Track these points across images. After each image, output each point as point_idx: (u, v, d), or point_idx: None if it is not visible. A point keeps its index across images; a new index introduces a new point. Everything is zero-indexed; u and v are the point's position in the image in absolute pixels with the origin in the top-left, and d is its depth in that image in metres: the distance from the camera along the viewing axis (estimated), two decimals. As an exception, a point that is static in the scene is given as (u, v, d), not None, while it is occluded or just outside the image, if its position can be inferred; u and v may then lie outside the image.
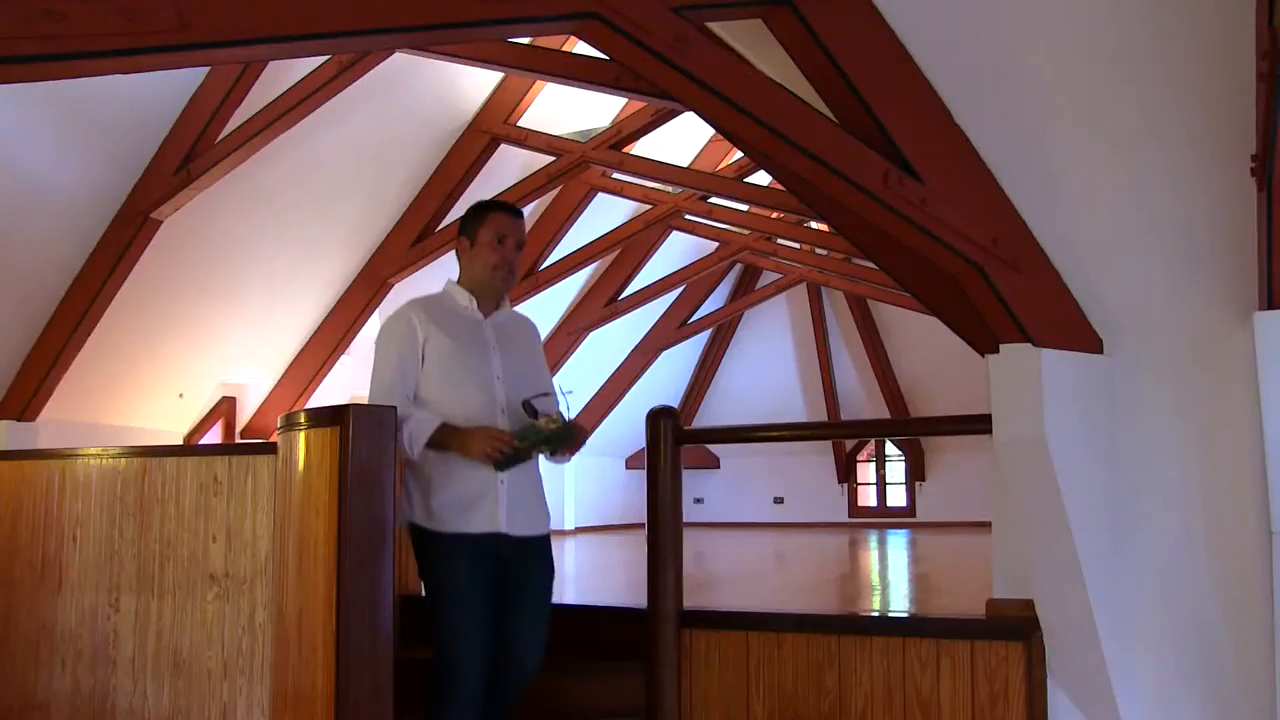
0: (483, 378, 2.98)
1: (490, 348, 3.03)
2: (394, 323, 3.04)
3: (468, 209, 3.20)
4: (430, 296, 3.13)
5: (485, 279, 3.08)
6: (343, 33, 2.52)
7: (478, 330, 3.06)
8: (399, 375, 2.95)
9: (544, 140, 8.24)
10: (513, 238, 3.07)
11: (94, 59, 2.23)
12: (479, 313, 3.09)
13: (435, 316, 3.01)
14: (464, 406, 2.94)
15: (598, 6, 2.59)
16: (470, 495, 2.90)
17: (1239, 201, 2.74)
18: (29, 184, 6.00)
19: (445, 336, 2.98)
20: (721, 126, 3.04)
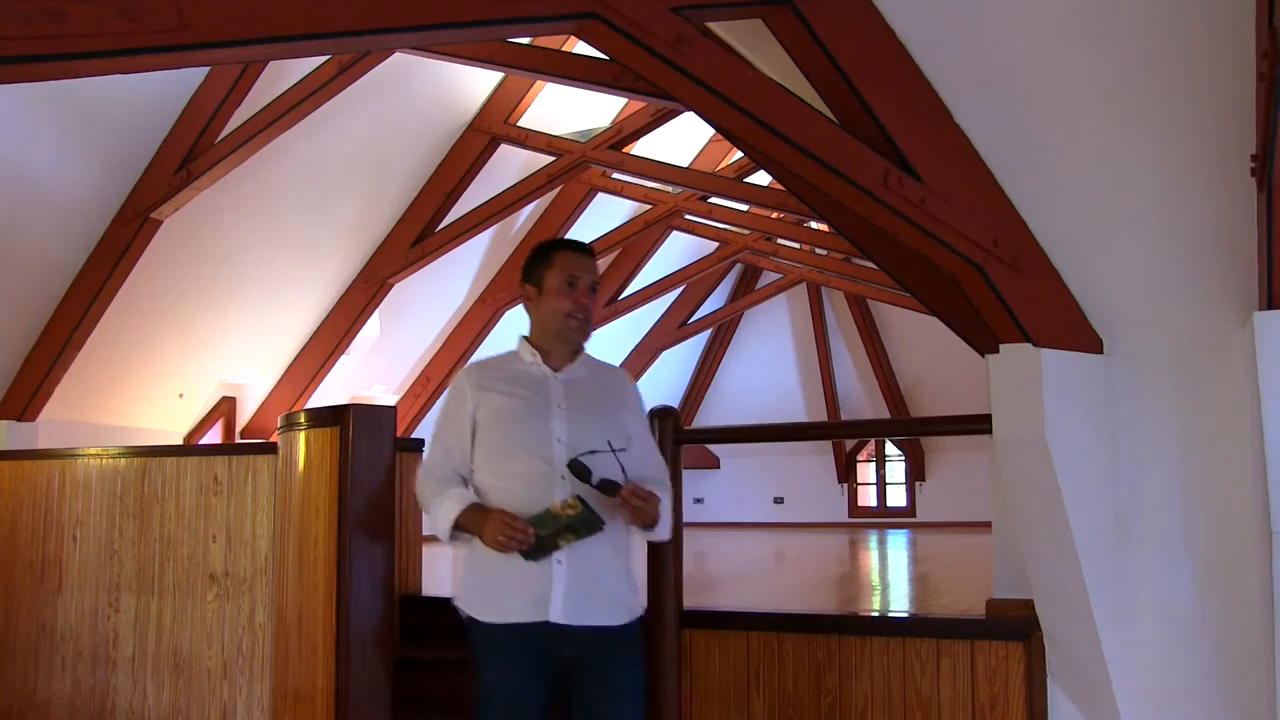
0: (538, 440, 2.50)
1: (554, 406, 2.54)
2: (450, 392, 2.68)
3: (531, 252, 2.75)
4: (494, 357, 2.77)
5: (557, 330, 2.62)
6: (343, 33, 2.52)
7: (541, 387, 2.59)
8: (443, 452, 2.61)
9: (544, 140, 8.24)
10: (585, 279, 2.60)
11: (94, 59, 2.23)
12: (546, 367, 2.62)
13: (492, 378, 2.61)
14: (514, 475, 2.50)
15: (598, 6, 2.59)
16: (517, 576, 2.43)
17: (1239, 201, 2.74)
18: (29, 184, 6.01)
19: (501, 397, 2.56)
20: (721, 126, 3.03)
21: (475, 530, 2.44)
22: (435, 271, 8.84)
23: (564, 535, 2.34)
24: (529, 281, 2.68)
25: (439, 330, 9.80)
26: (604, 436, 2.46)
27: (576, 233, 9.85)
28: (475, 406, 2.57)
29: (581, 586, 2.43)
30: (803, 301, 13.84)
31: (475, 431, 2.57)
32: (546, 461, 2.47)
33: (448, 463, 2.59)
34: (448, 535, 2.51)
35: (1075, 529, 2.87)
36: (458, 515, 2.47)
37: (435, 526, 2.53)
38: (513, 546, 2.34)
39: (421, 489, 2.62)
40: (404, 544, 4.48)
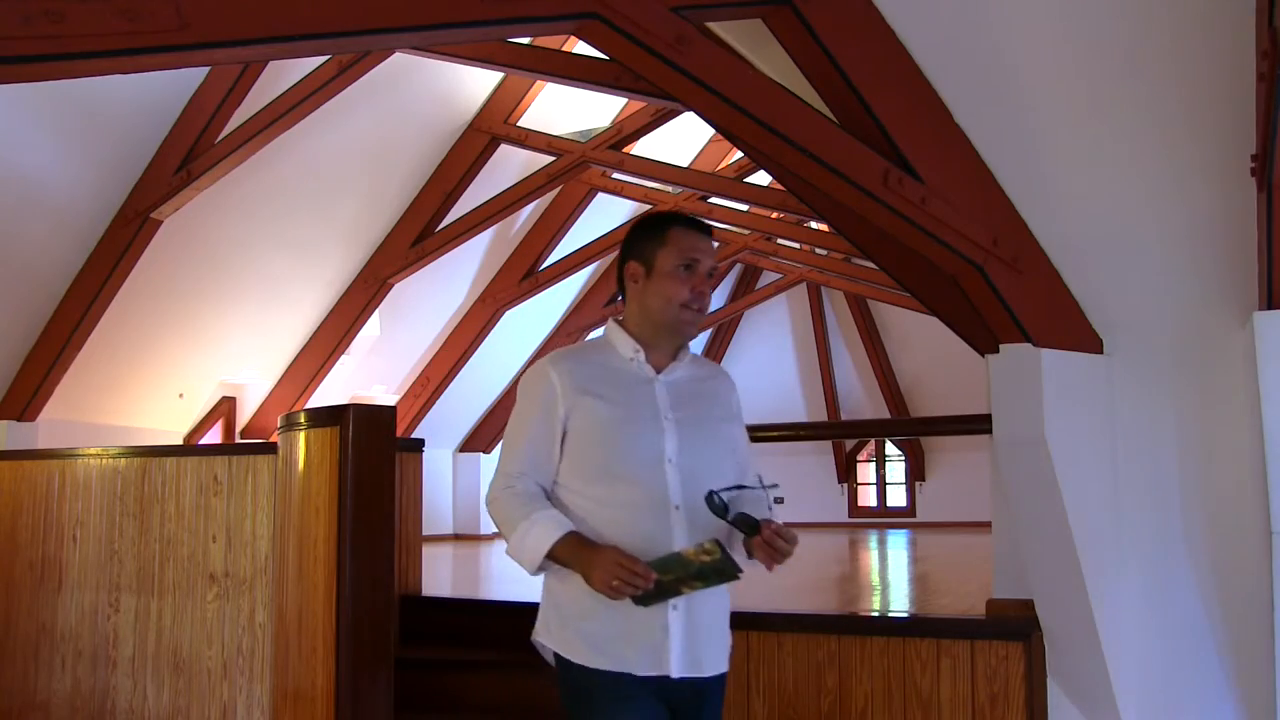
0: (649, 461, 2.07)
1: (663, 418, 2.10)
2: (531, 383, 2.17)
3: (638, 223, 2.28)
4: (583, 346, 2.33)
5: (668, 321, 2.14)
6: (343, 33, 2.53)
7: (646, 394, 2.13)
8: (528, 460, 2.13)
9: (544, 140, 8.24)
10: (705, 262, 2.16)
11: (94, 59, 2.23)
12: (649, 367, 2.16)
13: (586, 375, 2.13)
14: (618, 502, 2.05)
15: (598, 6, 2.59)
16: (627, 621, 2.03)
17: (1239, 201, 2.74)
18: (29, 184, 6.01)
19: (598, 403, 2.09)
20: (721, 126, 3.04)
21: (578, 567, 2.00)
22: (435, 271, 8.84)
23: (690, 583, 1.93)
24: (635, 259, 2.17)
25: (439, 330, 9.80)
26: (715, 455, 2.12)
27: (576, 233, 9.84)
28: (569, 410, 2.09)
29: (697, 635, 2.08)
30: (803, 301, 13.83)
31: (564, 439, 2.11)
32: (659, 487, 2.05)
33: (532, 474, 2.12)
34: (536, 567, 2.05)
35: (1075, 529, 2.87)
36: (554, 545, 2.01)
37: (519, 554, 2.07)
38: (627, 592, 1.92)
39: (500, 506, 2.11)
40: (404, 544, 4.48)
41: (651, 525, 2.01)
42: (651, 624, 2.02)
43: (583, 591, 2.02)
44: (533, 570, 2.06)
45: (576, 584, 2.03)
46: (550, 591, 2.15)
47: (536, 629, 2.16)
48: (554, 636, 2.12)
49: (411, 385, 9.77)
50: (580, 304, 10.93)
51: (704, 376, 2.24)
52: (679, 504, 2.04)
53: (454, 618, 4.45)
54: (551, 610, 2.14)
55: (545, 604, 2.16)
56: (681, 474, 2.06)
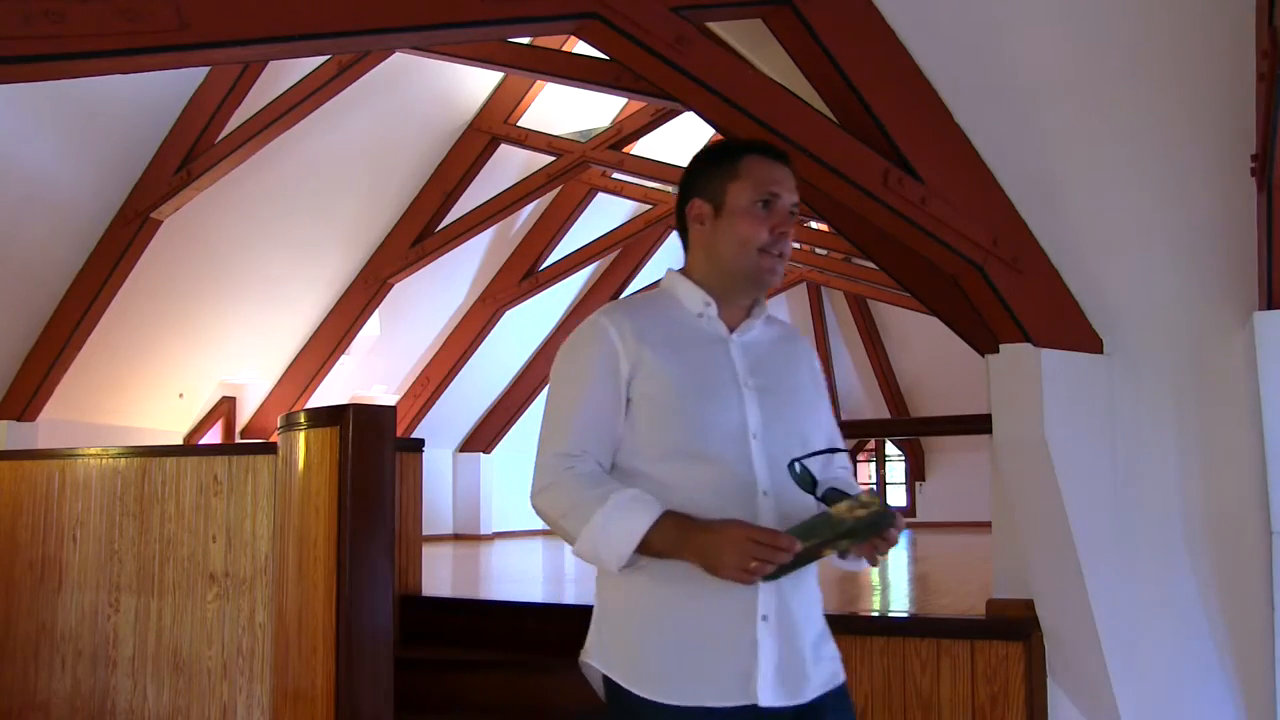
0: (731, 433, 1.68)
1: (741, 384, 1.71)
2: (583, 341, 1.75)
3: (703, 153, 1.85)
4: (642, 299, 1.86)
5: (743, 269, 1.75)
6: (343, 33, 2.53)
7: (719, 355, 1.74)
8: (589, 434, 1.70)
9: (544, 140, 8.24)
10: (786, 198, 1.76)
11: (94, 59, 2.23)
12: (721, 324, 1.77)
13: (649, 332, 1.72)
14: (699, 483, 1.64)
15: (598, 6, 2.59)
16: (705, 637, 1.62)
17: (1239, 201, 2.74)
18: (29, 184, 6.01)
19: (666, 366, 1.69)
20: (721, 126, 3.04)
21: (691, 553, 1.56)
22: (435, 271, 8.84)
23: (835, 544, 1.59)
24: (701, 196, 1.78)
25: (439, 330, 9.80)
26: (804, 430, 1.75)
27: (576, 233, 9.83)
28: (634, 371, 1.68)
29: (795, 649, 1.64)
30: (803, 301, 13.84)
31: (629, 408, 1.70)
32: (742, 467, 1.65)
33: (594, 452, 1.69)
34: (624, 562, 1.60)
35: (1075, 529, 2.87)
36: (649, 530, 1.57)
37: (597, 548, 1.61)
38: (762, 572, 1.52)
39: (560, 494, 1.65)
40: (404, 544, 4.48)
41: (735, 513, 1.58)
42: (736, 640, 1.60)
43: (646, 598, 1.64)
44: (620, 565, 1.61)
45: (633, 585, 1.64)
46: (602, 600, 1.74)
47: (586, 648, 1.75)
48: (607, 657, 1.69)
49: (411, 385, 9.77)
50: (580, 304, 10.92)
51: (781, 337, 1.85)
52: (767, 489, 1.64)
53: (454, 618, 4.45)
54: (604, 624, 1.72)
55: (597, 616, 1.74)
56: (768, 452, 1.67)
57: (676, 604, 1.62)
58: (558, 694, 3.74)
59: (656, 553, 1.59)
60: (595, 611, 1.76)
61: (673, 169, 8.64)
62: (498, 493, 11.08)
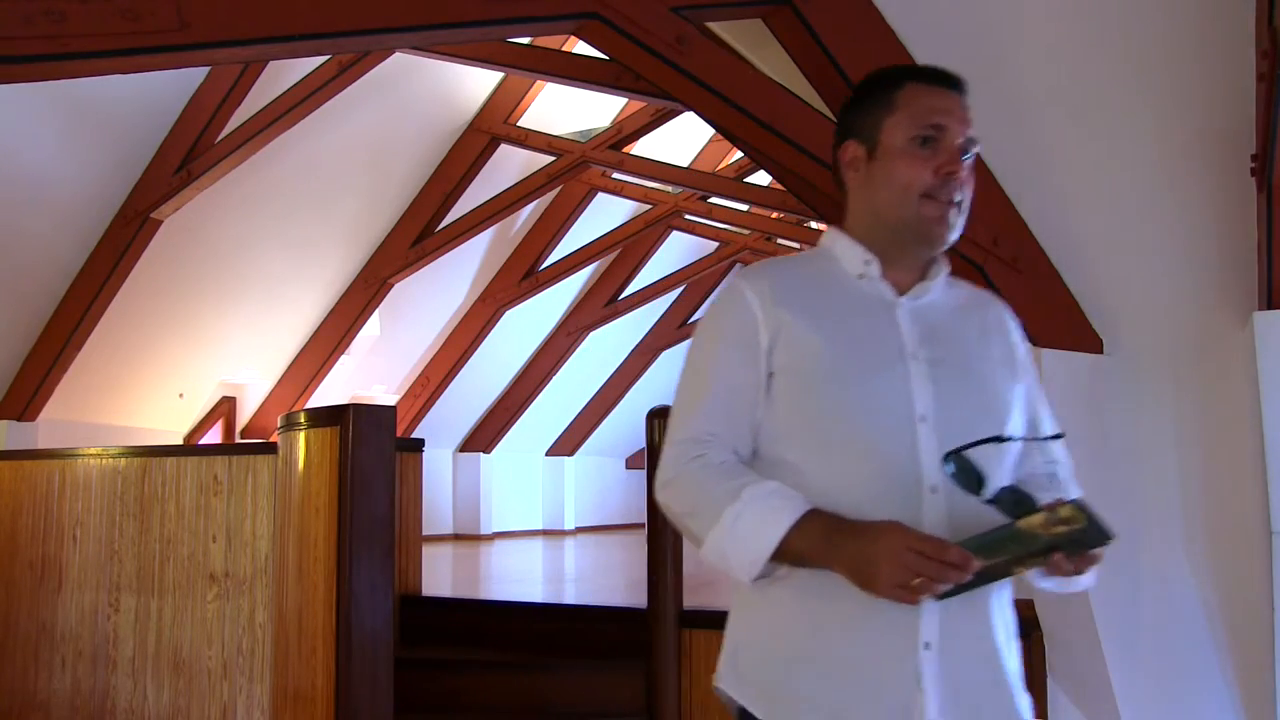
0: (891, 421, 1.39)
1: (909, 358, 1.42)
2: (717, 309, 1.51)
3: (861, 86, 1.54)
4: (794, 257, 1.63)
5: (904, 221, 1.45)
6: (343, 33, 2.53)
7: (883, 323, 1.45)
8: (720, 416, 1.43)
9: (544, 140, 8.24)
10: (956, 130, 1.43)
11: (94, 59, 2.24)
12: (886, 286, 1.47)
13: (797, 294, 1.45)
14: (846, 484, 1.36)
15: (598, 6, 2.59)
16: (859, 663, 1.34)
17: (1239, 201, 2.74)
18: (29, 183, 6.01)
19: (813, 334, 1.41)
20: (721, 126, 3.04)
21: (839, 562, 1.28)
22: (435, 271, 8.84)
23: (1028, 561, 1.29)
24: (854, 136, 1.49)
25: (439, 330, 9.80)
26: (990, 416, 1.42)
27: (576, 233, 9.82)
28: (774, 341, 1.41)
29: (966, 683, 1.34)
30: (803, 301, 13.84)
31: (769, 384, 1.42)
32: (904, 458, 1.36)
33: (728, 436, 1.42)
34: (758, 569, 1.33)
35: (1075, 529, 2.86)
36: (789, 532, 1.30)
37: (727, 551, 1.35)
38: (928, 592, 1.23)
39: (686, 487, 1.40)
40: (404, 544, 4.48)
41: (895, 515, 1.29)
42: (894, 671, 1.31)
43: (785, 617, 1.37)
44: (753, 574, 1.33)
45: (774, 605, 1.38)
46: (736, 615, 1.47)
47: (719, 670, 1.46)
48: (740, 685, 1.42)
49: (411, 385, 9.77)
50: (581, 303, 10.93)
51: (968, 304, 1.53)
52: (935, 484, 1.33)
53: (454, 618, 4.46)
54: (738, 645, 1.45)
55: (730, 634, 1.47)
56: (940, 439, 1.35)
57: (822, 624, 1.33)
58: (558, 694, 3.74)
59: (798, 560, 1.31)
60: (728, 628, 1.46)
61: (673, 169, 8.65)
62: (498, 493, 11.08)
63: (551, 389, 11.02)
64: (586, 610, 4.31)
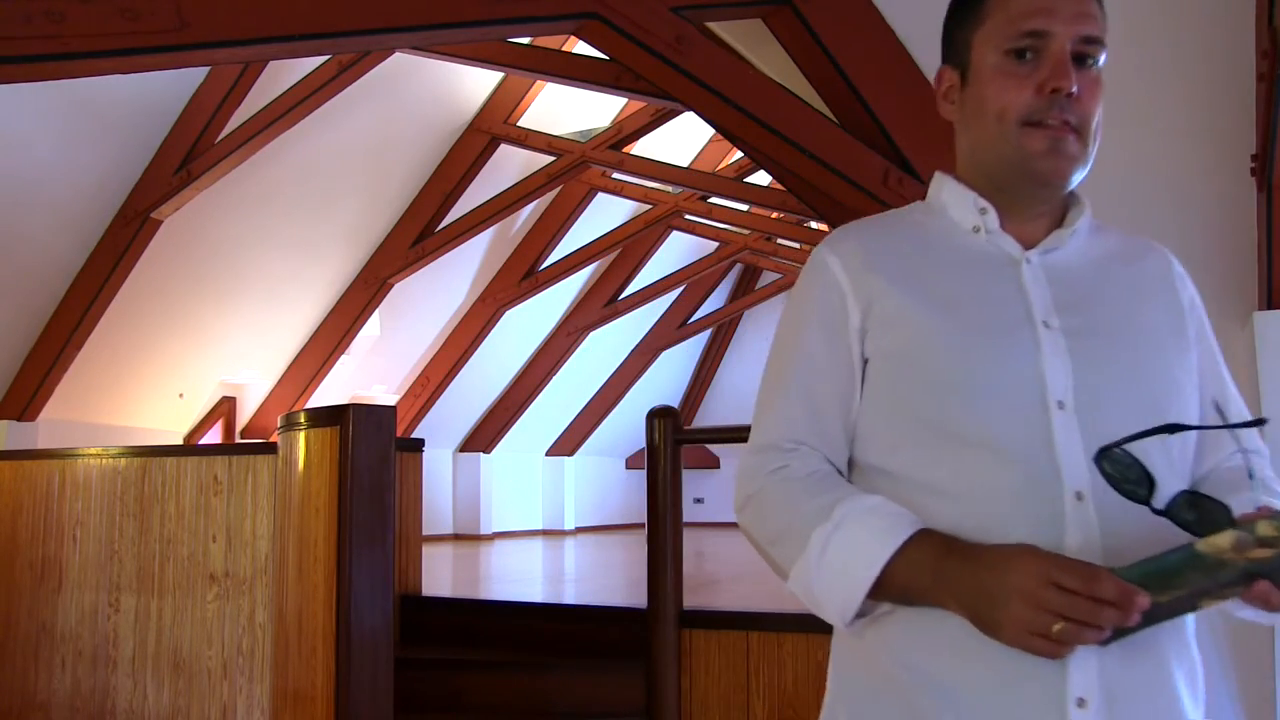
0: (1014, 403, 1.05)
1: (1038, 325, 1.09)
2: (800, 284, 1.22)
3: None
4: (894, 213, 1.31)
5: (1003, 157, 1.14)
6: (343, 33, 2.53)
7: (1005, 284, 1.13)
8: (804, 415, 1.14)
9: (544, 140, 8.24)
10: (1062, 32, 1.10)
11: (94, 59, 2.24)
12: (1008, 240, 1.16)
13: (890, 257, 1.16)
14: (963, 492, 1.04)
15: (598, 6, 2.59)
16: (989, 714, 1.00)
17: (1239, 201, 2.74)
18: (30, 184, 6.01)
19: (911, 304, 1.11)
20: (721, 126, 3.04)
21: (954, 597, 0.98)
22: (435, 271, 8.85)
23: (1220, 593, 0.96)
24: (948, 61, 1.24)
25: (439, 330, 9.80)
26: (1145, 391, 1.08)
27: (576, 233, 9.83)
28: (865, 313, 1.12)
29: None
30: (803, 301, 13.85)
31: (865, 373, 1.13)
32: (1038, 450, 1.03)
33: (816, 440, 1.13)
34: (855, 606, 1.03)
35: (1075, 529, 2.86)
36: (891, 559, 1.00)
37: (820, 590, 1.05)
38: (1074, 640, 0.92)
39: (766, 505, 1.11)
40: (404, 544, 4.48)
41: (1027, 530, 0.98)
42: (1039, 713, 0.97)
43: (893, 666, 1.04)
44: (847, 616, 1.04)
45: (879, 651, 1.06)
46: (837, 662, 1.16)
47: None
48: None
49: (411, 385, 9.78)
50: (581, 303, 10.93)
51: (1121, 255, 1.19)
52: (1083, 489, 1.00)
53: (454, 618, 4.45)
54: (840, 697, 1.13)
55: (831, 684, 1.16)
56: (1084, 431, 1.02)
57: (940, 677, 1.00)
58: (558, 694, 3.74)
59: (903, 596, 1.00)
60: (829, 677, 1.17)
61: (673, 169, 8.65)
62: (498, 493, 11.09)
63: (551, 389, 11.02)
64: (586, 610, 4.31)
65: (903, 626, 1.04)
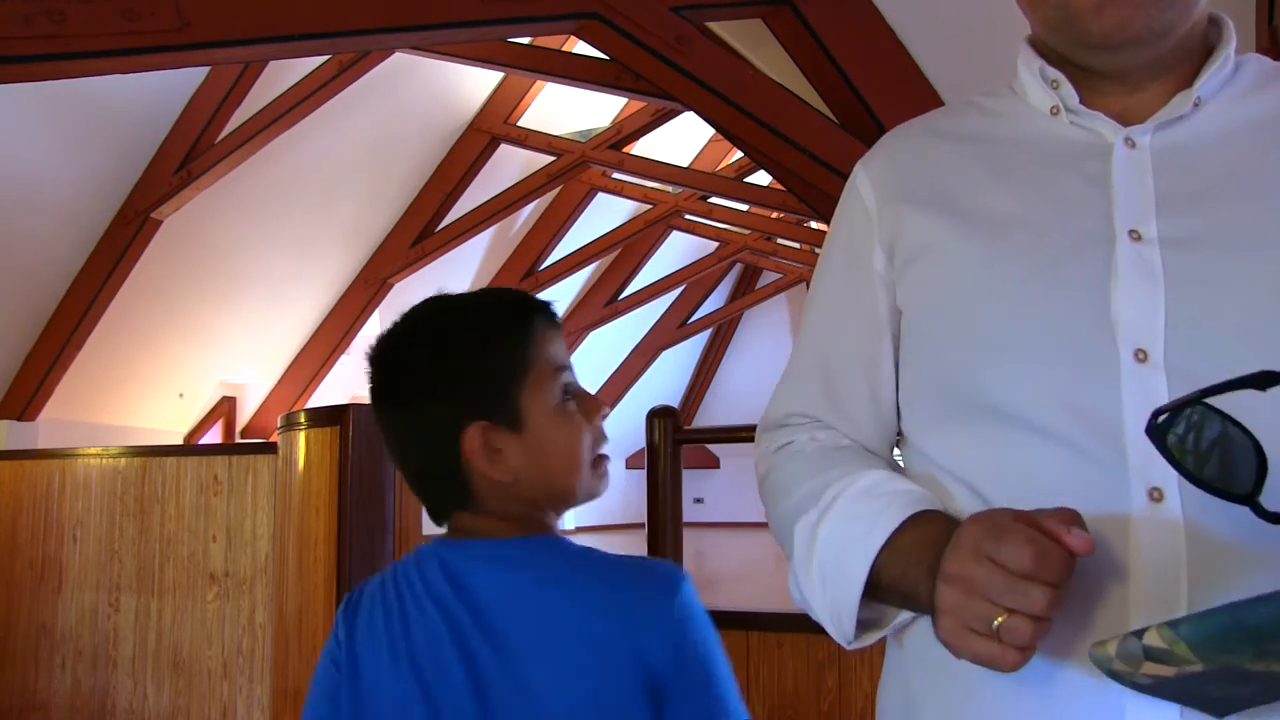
0: (1072, 363, 0.71)
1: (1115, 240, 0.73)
2: (837, 211, 0.93)
3: None
4: (960, 104, 0.92)
5: (1049, 21, 0.79)
6: (343, 33, 2.53)
7: (1082, 183, 0.77)
8: (815, 379, 0.89)
9: (544, 140, 8.25)
10: None
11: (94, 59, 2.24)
12: (1098, 117, 0.78)
13: (933, 171, 0.84)
14: (1000, 481, 0.74)
15: (598, 6, 2.59)
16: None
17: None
18: (29, 183, 6.01)
19: (948, 239, 0.80)
20: (721, 126, 3.04)
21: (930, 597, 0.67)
22: (435, 271, 8.85)
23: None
24: None
25: (439, 330, 9.80)
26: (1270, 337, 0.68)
27: (576, 233, 9.83)
28: (891, 249, 0.85)
29: None
30: (802, 301, 13.81)
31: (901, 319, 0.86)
32: (1103, 422, 0.70)
33: (829, 411, 0.89)
34: (851, 617, 0.77)
35: (1075, 529, 2.86)
36: (880, 552, 0.73)
37: (813, 598, 0.80)
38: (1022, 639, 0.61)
39: (766, 498, 0.90)
40: (404, 544, 4.47)
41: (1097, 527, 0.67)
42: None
43: (918, 698, 0.80)
44: (847, 629, 0.81)
45: (901, 673, 0.84)
46: (884, 676, 0.90)
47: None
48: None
49: (411, 385, 9.77)
50: (581, 303, 10.93)
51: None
52: (1160, 483, 0.68)
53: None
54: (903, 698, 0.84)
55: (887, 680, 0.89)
56: (1175, 395, 0.68)
57: (953, 707, 0.76)
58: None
59: (904, 600, 0.74)
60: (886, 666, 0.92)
61: (673, 169, 8.66)
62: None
63: (551, 389, 11.01)
64: (586, 610, 4.31)
65: (919, 641, 0.78)
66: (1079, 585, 0.65)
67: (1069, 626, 0.66)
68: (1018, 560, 0.60)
